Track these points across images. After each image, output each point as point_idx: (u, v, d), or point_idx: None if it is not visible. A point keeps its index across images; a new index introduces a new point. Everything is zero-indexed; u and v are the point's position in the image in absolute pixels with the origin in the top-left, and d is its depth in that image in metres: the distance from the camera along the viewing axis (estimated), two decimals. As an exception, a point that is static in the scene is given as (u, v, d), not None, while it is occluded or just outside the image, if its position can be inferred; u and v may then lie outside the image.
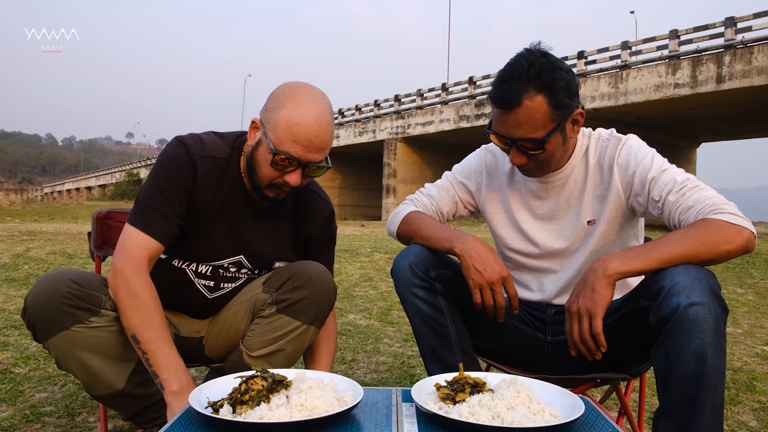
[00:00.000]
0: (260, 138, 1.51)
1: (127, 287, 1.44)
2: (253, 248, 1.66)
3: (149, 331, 1.43)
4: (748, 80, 15.99)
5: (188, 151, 1.56)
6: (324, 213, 1.77)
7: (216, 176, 1.59)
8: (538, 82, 1.45)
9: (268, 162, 1.49)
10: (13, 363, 2.73)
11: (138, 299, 1.44)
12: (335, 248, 1.88)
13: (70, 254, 6.77)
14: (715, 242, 1.30)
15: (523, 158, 1.54)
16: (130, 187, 51.20)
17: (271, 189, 1.55)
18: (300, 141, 1.45)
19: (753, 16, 16.63)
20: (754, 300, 5.32)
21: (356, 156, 31.28)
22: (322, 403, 1.09)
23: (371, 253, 7.79)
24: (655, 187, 1.49)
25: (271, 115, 1.48)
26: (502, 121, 1.51)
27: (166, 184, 1.53)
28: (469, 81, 24.22)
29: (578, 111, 1.53)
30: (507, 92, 1.47)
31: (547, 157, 1.54)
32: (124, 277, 1.45)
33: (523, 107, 1.46)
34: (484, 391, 1.18)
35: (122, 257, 1.48)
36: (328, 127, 1.48)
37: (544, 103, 1.46)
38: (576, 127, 1.56)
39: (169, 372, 1.43)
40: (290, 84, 1.53)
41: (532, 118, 1.47)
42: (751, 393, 2.65)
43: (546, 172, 1.62)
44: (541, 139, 1.49)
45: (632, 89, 18.39)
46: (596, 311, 1.32)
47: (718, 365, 1.20)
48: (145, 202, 1.53)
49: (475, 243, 1.54)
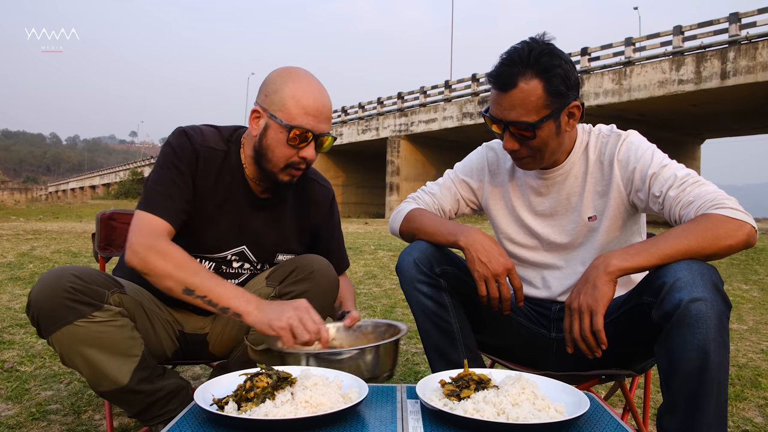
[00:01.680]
0: (267, 123, 1.54)
1: (156, 251, 1.45)
2: (256, 238, 1.68)
3: (196, 277, 1.44)
4: (752, 76, 15.94)
5: (190, 140, 1.59)
6: (326, 199, 1.82)
7: (216, 167, 1.61)
8: (537, 66, 1.47)
9: (282, 142, 1.53)
10: (18, 361, 2.75)
11: (170, 255, 1.45)
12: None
13: (74, 253, 6.80)
14: (716, 237, 1.30)
15: (515, 144, 1.55)
16: (134, 186, 51.29)
17: (287, 171, 1.57)
18: (311, 112, 1.52)
19: (758, 12, 16.57)
20: (759, 296, 5.30)
21: (359, 154, 31.30)
22: (328, 400, 1.09)
23: (375, 250, 7.80)
24: (655, 183, 1.49)
25: (274, 98, 1.53)
26: (497, 102, 1.53)
27: (174, 171, 1.56)
28: (473, 78, 24.19)
29: (575, 104, 1.53)
30: (504, 73, 1.49)
31: (539, 145, 1.54)
32: (148, 244, 1.46)
33: (518, 89, 1.47)
34: (488, 387, 1.18)
35: (138, 233, 1.48)
36: (329, 98, 1.58)
37: (539, 88, 1.47)
38: (572, 120, 1.56)
39: (234, 298, 1.42)
40: (282, 68, 1.59)
41: (525, 101, 1.48)
42: (756, 389, 2.64)
43: (540, 164, 1.61)
44: (533, 123, 1.49)
45: (636, 86, 18.34)
46: (597, 308, 1.32)
47: (722, 361, 1.20)
48: (154, 189, 1.54)
49: (480, 236, 1.55)
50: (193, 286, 1.43)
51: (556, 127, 1.53)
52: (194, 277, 1.43)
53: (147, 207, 1.53)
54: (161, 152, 1.60)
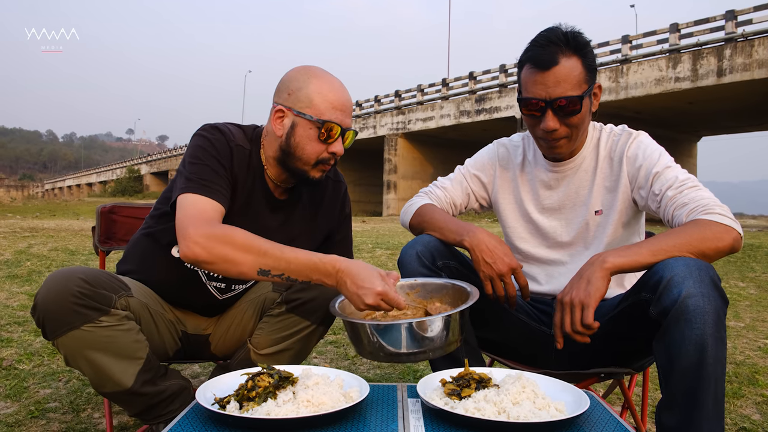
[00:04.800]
0: (294, 121, 1.53)
1: (218, 239, 1.37)
2: (270, 238, 1.63)
3: (268, 257, 1.37)
4: (749, 73, 15.97)
5: (225, 136, 1.56)
6: (339, 196, 1.80)
7: (245, 165, 1.59)
8: (574, 43, 1.54)
9: (313, 138, 1.52)
10: (17, 359, 2.74)
11: (234, 240, 1.38)
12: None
13: (72, 251, 6.78)
14: (704, 239, 1.36)
15: (557, 122, 1.57)
16: (131, 184, 51.18)
17: (318, 168, 1.57)
18: (338, 107, 1.53)
19: (753, 9, 16.59)
20: (756, 293, 5.32)
21: (357, 152, 31.29)
22: (329, 399, 1.09)
23: (373, 249, 7.80)
24: (657, 182, 1.54)
25: (299, 95, 1.52)
26: (538, 82, 1.55)
27: (215, 162, 1.51)
28: (470, 76, 24.19)
29: (598, 84, 1.62)
30: (545, 53, 1.54)
31: (578, 122, 1.58)
32: (208, 233, 1.37)
33: (561, 66, 1.53)
34: (489, 386, 1.18)
35: (193, 224, 1.39)
36: (348, 92, 1.59)
37: (579, 64, 1.55)
38: (595, 100, 1.63)
39: (315, 271, 1.38)
40: (300, 67, 1.58)
41: (569, 76, 1.53)
42: (753, 386, 2.65)
43: (572, 146, 1.64)
44: (580, 96, 1.54)
45: (633, 83, 18.36)
46: (589, 302, 1.34)
47: (719, 356, 1.21)
48: (197, 173, 1.48)
49: (485, 236, 1.57)
50: (267, 266, 1.37)
51: (590, 104, 1.61)
52: (265, 258, 1.37)
53: (194, 189, 1.45)
54: (195, 146, 1.53)
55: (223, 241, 1.37)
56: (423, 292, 1.55)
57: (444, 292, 1.53)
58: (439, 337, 1.30)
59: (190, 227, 1.38)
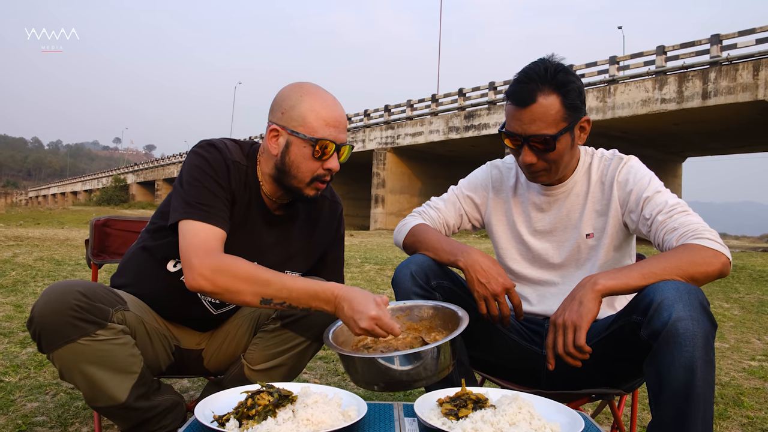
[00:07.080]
0: (288, 140, 1.54)
1: (222, 271, 1.40)
2: (267, 255, 1.65)
3: (270, 287, 1.41)
4: (733, 96, 16.25)
5: (221, 154, 1.56)
6: (335, 216, 1.82)
7: (242, 181, 1.60)
8: (554, 82, 1.55)
9: (307, 156, 1.53)
10: (2, 371, 2.70)
11: (237, 271, 1.41)
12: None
13: (58, 261, 6.71)
14: (694, 263, 1.39)
15: (534, 157, 1.60)
16: (116, 193, 50.71)
17: (313, 186, 1.58)
18: (331, 123, 1.54)
19: (738, 34, 16.92)
20: (740, 315, 5.38)
21: (345, 165, 30.67)
22: (328, 418, 1.10)
23: (361, 263, 7.79)
24: (647, 206, 1.57)
25: (292, 114, 1.53)
26: (516, 118, 1.58)
27: (214, 184, 1.52)
28: (459, 92, 24.37)
29: (585, 118, 1.64)
30: (523, 90, 1.56)
31: (556, 157, 1.60)
32: (212, 266, 1.40)
33: (538, 104, 1.55)
34: (486, 406, 1.20)
35: (196, 255, 1.42)
36: (342, 108, 1.59)
37: (557, 102, 1.55)
38: (582, 134, 1.65)
39: (315, 299, 1.42)
40: (293, 84, 1.59)
41: (545, 115, 1.55)
42: (739, 408, 2.68)
43: (554, 177, 1.68)
44: (553, 135, 1.56)
45: (619, 103, 18.60)
46: (581, 323, 1.36)
47: (708, 378, 1.24)
48: (197, 197, 1.49)
49: (479, 256, 1.59)
50: (269, 295, 1.42)
51: (572, 140, 1.62)
52: (268, 288, 1.41)
53: (195, 215, 1.47)
54: (191, 164, 1.54)
55: (226, 273, 1.41)
56: (412, 316, 1.57)
57: (434, 314, 1.56)
58: (432, 366, 1.33)
59: (194, 258, 1.42)
